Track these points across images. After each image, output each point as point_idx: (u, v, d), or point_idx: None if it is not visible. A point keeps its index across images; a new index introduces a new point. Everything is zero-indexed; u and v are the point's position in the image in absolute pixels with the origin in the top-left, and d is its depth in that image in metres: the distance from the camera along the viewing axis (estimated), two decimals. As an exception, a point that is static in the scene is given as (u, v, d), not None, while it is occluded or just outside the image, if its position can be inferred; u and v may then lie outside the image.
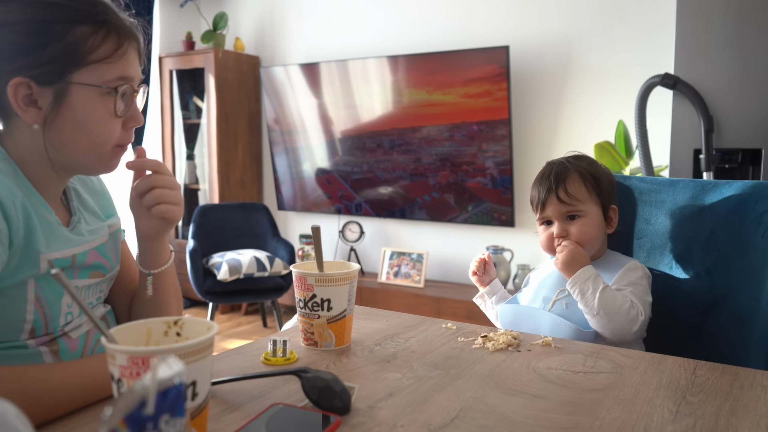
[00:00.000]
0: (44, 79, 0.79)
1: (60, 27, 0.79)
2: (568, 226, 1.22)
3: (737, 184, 1.18)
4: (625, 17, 3.06)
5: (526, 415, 0.72)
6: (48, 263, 0.81)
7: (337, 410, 0.72)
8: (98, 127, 0.83)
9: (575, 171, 1.23)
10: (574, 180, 1.23)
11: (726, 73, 2.04)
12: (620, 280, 1.18)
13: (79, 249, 0.87)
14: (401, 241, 3.89)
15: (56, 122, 0.81)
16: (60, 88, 0.79)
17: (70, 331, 0.85)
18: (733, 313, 1.14)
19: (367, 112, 3.72)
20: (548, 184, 1.23)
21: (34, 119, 0.80)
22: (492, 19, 3.42)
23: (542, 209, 1.24)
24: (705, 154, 2.05)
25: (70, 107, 0.80)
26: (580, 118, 3.23)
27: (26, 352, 0.80)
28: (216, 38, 3.99)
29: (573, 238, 1.21)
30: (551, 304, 1.21)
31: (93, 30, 0.80)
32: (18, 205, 0.78)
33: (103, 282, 0.94)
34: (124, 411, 0.40)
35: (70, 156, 0.84)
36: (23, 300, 0.79)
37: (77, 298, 0.56)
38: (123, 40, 0.83)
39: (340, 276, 0.96)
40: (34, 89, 0.79)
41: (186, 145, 4.37)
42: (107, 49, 0.81)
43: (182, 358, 0.56)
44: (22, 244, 0.78)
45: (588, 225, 1.21)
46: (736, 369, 0.88)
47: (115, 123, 0.84)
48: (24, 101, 0.79)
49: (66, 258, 0.84)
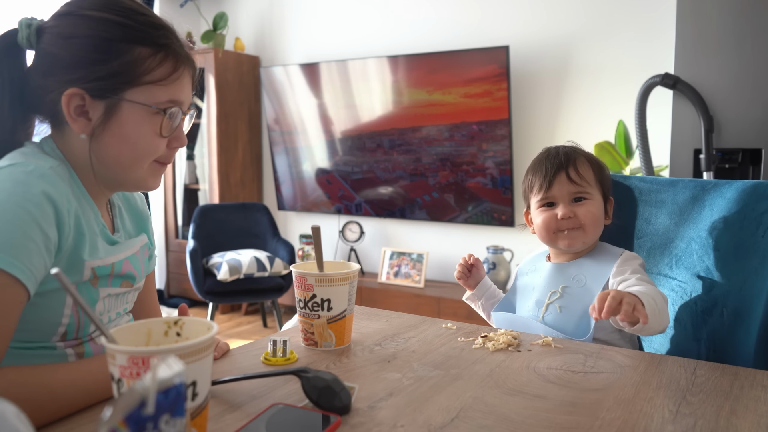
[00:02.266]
0: (98, 93, 0.81)
1: (121, 45, 0.81)
2: (574, 208, 1.17)
3: (737, 184, 1.18)
4: (625, 17, 3.06)
5: (526, 415, 0.72)
6: (91, 270, 0.83)
7: (337, 410, 0.72)
8: (144, 144, 0.85)
9: (582, 155, 1.21)
10: (582, 162, 1.20)
11: (726, 73, 2.04)
12: (622, 270, 1.14)
13: (117, 258, 0.89)
14: (401, 241, 3.89)
15: (103, 135, 0.83)
16: (112, 103, 0.82)
17: (97, 337, 0.87)
18: (733, 313, 1.14)
19: (367, 112, 3.72)
20: (558, 162, 1.18)
21: (82, 129, 0.83)
22: (492, 19, 3.42)
23: (548, 188, 1.18)
24: (705, 154, 2.05)
25: (118, 122, 0.83)
26: (580, 118, 3.23)
27: (54, 353, 0.82)
28: (216, 38, 3.99)
29: (581, 220, 1.16)
30: (545, 309, 1.18)
31: (152, 52, 0.83)
32: (71, 212, 0.80)
33: (129, 293, 0.95)
34: (124, 411, 0.40)
35: (112, 169, 0.86)
36: (62, 304, 0.81)
37: (77, 298, 0.56)
38: (179, 65, 0.86)
39: (340, 276, 0.96)
40: (87, 101, 0.82)
41: (186, 145, 4.36)
42: (163, 72, 0.84)
43: (182, 358, 0.56)
44: (70, 251, 0.80)
45: (595, 207, 1.18)
46: (736, 369, 0.88)
47: (160, 142, 0.86)
48: (75, 111, 0.82)
49: (107, 266, 0.86)
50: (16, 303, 0.73)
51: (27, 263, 0.73)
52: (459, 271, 1.33)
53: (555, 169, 1.18)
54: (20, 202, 0.74)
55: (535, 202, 1.23)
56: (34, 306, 0.78)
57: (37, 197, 0.75)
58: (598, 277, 1.17)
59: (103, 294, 0.87)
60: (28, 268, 0.73)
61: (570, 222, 1.17)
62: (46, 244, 0.76)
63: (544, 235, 1.21)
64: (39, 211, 0.75)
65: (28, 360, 0.79)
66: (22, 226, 0.73)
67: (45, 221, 0.75)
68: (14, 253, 0.71)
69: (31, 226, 0.74)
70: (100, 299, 0.87)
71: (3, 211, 0.73)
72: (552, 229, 1.19)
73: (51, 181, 0.78)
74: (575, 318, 1.13)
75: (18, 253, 0.72)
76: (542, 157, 1.23)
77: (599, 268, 1.17)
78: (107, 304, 0.89)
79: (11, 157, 0.81)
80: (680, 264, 1.24)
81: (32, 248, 0.73)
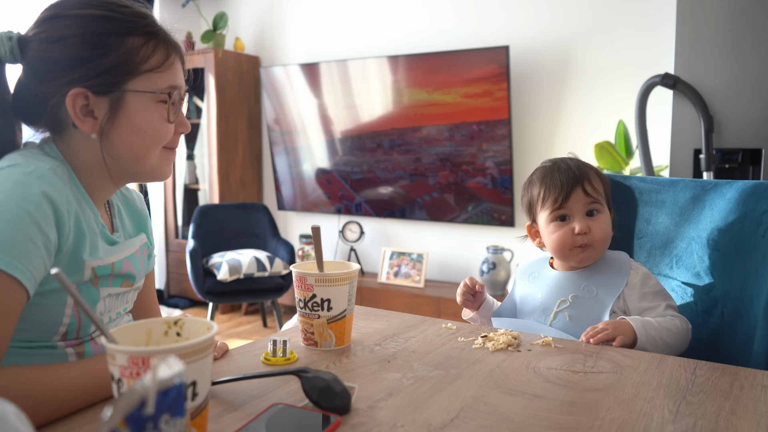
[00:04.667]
0: (100, 89, 0.82)
1: (113, 39, 0.82)
2: (588, 222, 1.16)
3: (737, 184, 1.18)
4: (625, 17, 3.06)
5: (526, 415, 0.72)
6: (91, 270, 0.83)
7: (337, 410, 0.72)
8: (155, 131, 0.86)
9: (591, 168, 1.20)
10: (594, 176, 1.19)
11: (726, 73, 2.04)
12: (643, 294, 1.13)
13: (117, 257, 0.90)
14: (401, 241, 3.89)
15: (113, 131, 0.84)
16: (115, 97, 0.83)
17: (97, 336, 0.88)
18: (733, 313, 1.14)
19: (367, 112, 3.72)
20: (573, 176, 1.16)
21: (91, 128, 0.84)
22: (492, 19, 3.42)
23: (564, 201, 1.16)
24: (705, 154, 2.05)
25: (126, 114, 0.84)
26: (580, 118, 3.23)
27: (54, 352, 0.82)
28: (216, 38, 3.99)
29: (595, 236, 1.15)
30: (553, 316, 1.16)
31: (144, 41, 0.84)
32: (71, 212, 0.80)
33: (129, 292, 0.96)
34: (124, 411, 0.40)
35: (128, 162, 0.87)
36: (63, 304, 0.81)
37: (78, 298, 0.56)
38: (171, 51, 0.87)
39: (340, 276, 0.96)
40: (91, 99, 0.83)
41: (186, 145, 4.37)
42: (158, 59, 0.85)
43: (182, 358, 0.56)
44: (70, 252, 0.81)
45: (607, 222, 1.18)
46: (736, 369, 0.88)
47: (168, 128, 0.88)
48: (81, 111, 0.83)
49: (107, 266, 0.87)
50: (15, 303, 0.73)
51: (26, 264, 0.73)
52: (463, 299, 1.27)
53: (572, 183, 1.16)
54: (20, 202, 0.74)
55: (545, 216, 1.19)
56: (35, 306, 0.78)
57: (36, 198, 0.75)
58: (610, 289, 1.15)
59: (103, 294, 0.87)
60: (28, 269, 0.73)
61: (585, 238, 1.15)
62: (46, 245, 0.76)
63: (559, 252, 1.18)
64: (38, 212, 0.75)
65: (29, 359, 0.79)
66: (21, 227, 0.73)
67: (44, 222, 0.75)
68: (14, 254, 0.72)
69: (30, 226, 0.74)
70: (101, 299, 0.87)
71: (2, 211, 0.73)
72: (568, 246, 1.16)
73: (50, 182, 0.78)
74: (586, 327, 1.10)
75: (17, 254, 0.72)
76: (551, 170, 1.20)
77: (611, 280, 1.16)
78: (108, 304, 0.89)
79: (11, 158, 0.81)
80: (680, 264, 1.24)
81: (32, 249, 0.74)
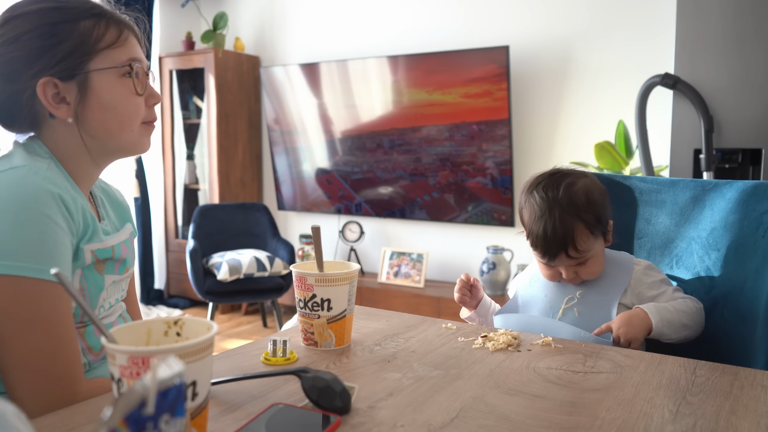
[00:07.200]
0: (65, 74, 0.87)
1: (65, 26, 0.87)
2: (576, 269, 1.16)
3: (737, 184, 1.18)
4: (625, 17, 3.06)
5: (526, 415, 0.72)
6: (92, 254, 0.88)
7: (337, 410, 0.72)
8: (124, 106, 0.91)
9: (580, 222, 1.12)
10: (581, 233, 1.12)
11: (726, 73, 2.04)
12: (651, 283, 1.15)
13: (114, 241, 0.94)
14: (401, 241, 3.89)
15: (86, 111, 0.89)
16: (81, 79, 0.88)
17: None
18: (733, 313, 1.14)
19: (367, 112, 3.72)
20: (557, 243, 1.12)
21: (66, 114, 0.88)
22: (492, 19, 3.42)
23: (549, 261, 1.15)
24: (705, 154, 2.05)
25: (94, 93, 0.89)
26: (580, 118, 3.23)
27: None
28: (216, 38, 3.99)
29: (583, 277, 1.16)
30: (561, 313, 1.17)
31: (94, 22, 0.89)
32: (78, 205, 0.86)
33: (124, 280, 0.99)
34: (124, 411, 0.40)
35: (105, 140, 0.92)
36: None
37: (78, 298, 0.57)
38: (122, 28, 0.92)
39: (340, 276, 0.96)
40: (60, 86, 0.87)
41: (186, 145, 4.37)
42: (111, 36, 0.90)
43: (182, 358, 0.56)
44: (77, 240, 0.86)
45: (596, 263, 1.16)
46: (736, 369, 0.88)
47: (139, 101, 0.93)
48: (54, 99, 0.88)
49: (107, 249, 0.91)
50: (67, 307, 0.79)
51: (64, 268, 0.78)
52: (460, 295, 1.27)
53: (555, 251, 1.13)
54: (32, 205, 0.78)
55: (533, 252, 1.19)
56: None
57: (45, 197, 0.79)
58: (616, 284, 1.16)
59: (108, 282, 0.91)
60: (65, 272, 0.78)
61: (574, 279, 1.17)
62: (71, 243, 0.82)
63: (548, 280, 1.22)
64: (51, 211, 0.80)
65: None
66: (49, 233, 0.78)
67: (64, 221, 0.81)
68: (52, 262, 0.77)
69: (49, 226, 0.79)
70: (105, 287, 0.91)
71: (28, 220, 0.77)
72: (557, 280, 1.20)
73: (53, 180, 0.83)
74: (595, 321, 1.12)
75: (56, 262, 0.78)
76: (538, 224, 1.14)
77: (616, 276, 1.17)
78: (110, 291, 0.93)
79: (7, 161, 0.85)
80: (680, 264, 1.24)
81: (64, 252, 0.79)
